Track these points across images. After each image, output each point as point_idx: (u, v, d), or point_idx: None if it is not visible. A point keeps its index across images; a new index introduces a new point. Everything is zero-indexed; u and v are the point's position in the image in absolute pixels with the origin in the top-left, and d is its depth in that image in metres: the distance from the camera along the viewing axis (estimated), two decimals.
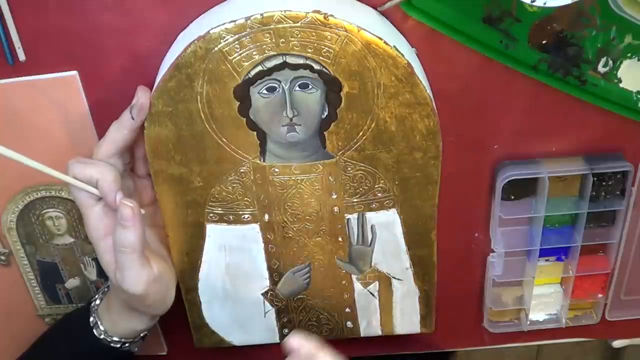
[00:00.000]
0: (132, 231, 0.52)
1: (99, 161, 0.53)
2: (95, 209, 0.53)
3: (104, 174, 0.51)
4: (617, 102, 0.56)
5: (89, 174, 0.52)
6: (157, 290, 0.56)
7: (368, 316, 0.64)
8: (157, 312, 0.58)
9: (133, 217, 0.51)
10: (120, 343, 0.58)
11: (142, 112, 0.52)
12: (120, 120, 0.53)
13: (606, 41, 0.53)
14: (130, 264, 0.53)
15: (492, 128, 0.59)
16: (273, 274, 0.62)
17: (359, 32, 0.49)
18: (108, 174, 0.52)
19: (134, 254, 0.52)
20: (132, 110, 0.52)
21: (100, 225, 0.53)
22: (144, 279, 0.53)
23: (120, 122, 0.53)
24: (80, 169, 0.52)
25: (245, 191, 0.57)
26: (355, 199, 0.57)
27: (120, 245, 0.52)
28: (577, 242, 0.63)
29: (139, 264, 0.53)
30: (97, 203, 0.53)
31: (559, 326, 0.69)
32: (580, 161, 0.60)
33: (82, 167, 0.52)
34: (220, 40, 0.49)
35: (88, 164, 0.52)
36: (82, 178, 0.52)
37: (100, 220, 0.53)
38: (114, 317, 0.58)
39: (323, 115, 0.53)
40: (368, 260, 0.61)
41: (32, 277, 0.66)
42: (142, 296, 0.54)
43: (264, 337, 0.66)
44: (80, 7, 0.53)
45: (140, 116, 0.52)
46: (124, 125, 0.53)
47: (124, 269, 0.53)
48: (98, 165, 0.52)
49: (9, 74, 0.55)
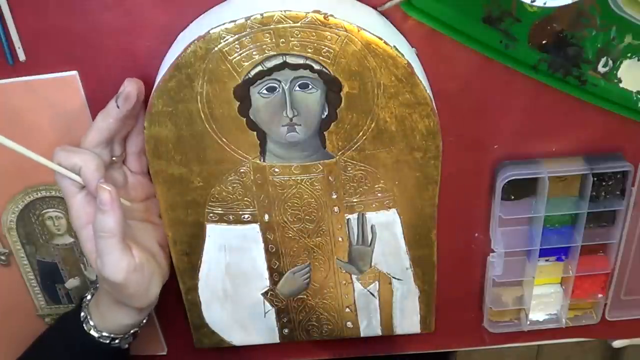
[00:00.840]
0: (110, 216, 0.51)
1: (84, 150, 0.53)
2: (78, 197, 0.53)
3: (87, 162, 0.52)
4: (617, 102, 0.56)
5: (72, 161, 0.52)
6: (138, 281, 0.55)
7: (368, 316, 0.64)
8: (140, 304, 0.57)
9: (111, 202, 0.51)
10: (109, 339, 0.58)
11: (127, 102, 0.52)
12: (106, 109, 0.53)
13: (606, 41, 0.53)
14: (109, 249, 0.52)
15: (492, 128, 0.59)
16: (273, 274, 0.62)
17: (359, 32, 0.49)
18: (91, 161, 0.52)
19: (113, 239, 0.52)
20: (118, 99, 0.52)
21: (82, 213, 0.53)
22: (124, 265, 0.53)
23: (106, 111, 0.53)
24: (65, 157, 0.52)
25: (245, 191, 0.57)
26: (355, 199, 0.57)
27: (100, 230, 0.52)
28: (577, 242, 0.63)
29: (118, 250, 0.52)
30: (80, 191, 0.53)
31: (559, 326, 0.69)
32: (580, 161, 0.60)
33: (66, 155, 0.52)
34: (220, 40, 0.49)
35: (72, 151, 0.52)
36: (66, 165, 0.52)
37: (83, 208, 0.53)
38: (102, 310, 0.58)
39: (323, 115, 0.53)
40: (368, 260, 0.61)
41: (32, 277, 0.66)
42: (121, 285, 0.54)
43: (264, 337, 0.66)
44: (80, 7, 0.53)
45: (126, 106, 0.52)
46: (109, 114, 0.53)
47: (103, 255, 0.52)
48: (82, 153, 0.52)
49: (9, 74, 0.55)
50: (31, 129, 0.58)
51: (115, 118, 0.53)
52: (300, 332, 0.66)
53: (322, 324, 0.65)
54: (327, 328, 0.65)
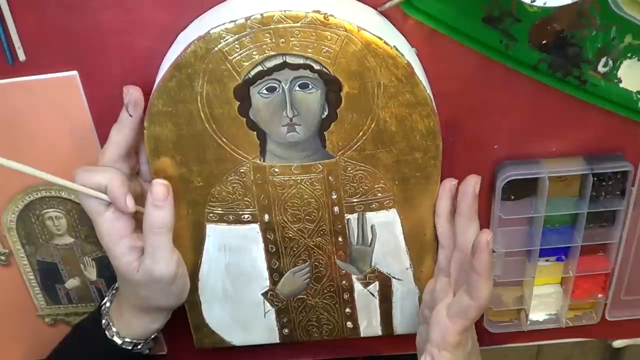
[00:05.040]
0: (166, 210, 0.52)
1: (106, 167, 0.53)
2: (106, 215, 0.53)
3: (112, 179, 0.52)
4: (617, 102, 0.56)
5: (96, 180, 0.52)
6: (184, 274, 0.57)
7: (368, 316, 0.64)
8: (179, 301, 0.59)
9: (166, 196, 0.52)
10: (132, 345, 0.59)
11: (138, 107, 0.52)
12: (120, 121, 0.53)
13: (606, 41, 0.53)
14: (163, 244, 0.53)
15: (492, 128, 0.59)
16: (273, 274, 0.62)
17: (359, 32, 0.49)
18: (116, 178, 0.52)
19: (168, 234, 0.53)
20: (128, 107, 0.52)
21: (113, 230, 0.53)
22: (175, 259, 0.54)
23: (120, 123, 0.53)
24: (87, 177, 0.52)
25: (245, 191, 0.57)
26: (355, 199, 0.57)
27: (155, 227, 0.52)
28: (577, 242, 0.63)
29: (170, 244, 0.54)
30: (107, 208, 0.53)
31: (559, 326, 0.69)
32: (580, 161, 0.60)
33: (89, 175, 0.52)
34: (220, 40, 0.49)
35: (94, 171, 0.52)
36: (90, 185, 0.52)
37: (113, 225, 0.53)
38: (127, 318, 0.58)
39: (323, 115, 0.53)
40: (368, 260, 0.61)
41: (32, 277, 0.66)
42: (171, 280, 0.55)
43: (264, 337, 0.66)
44: (80, 7, 0.53)
45: (138, 111, 0.52)
46: (123, 124, 0.53)
47: (157, 251, 0.53)
48: (105, 170, 0.52)
49: (9, 74, 0.55)
50: (31, 129, 0.58)
51: (130, 127, 0.53)
52: (300, 332, 0.66)
53: (322, 324, 0.65)
54: (327, 328, 0.65)
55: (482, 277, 0.50)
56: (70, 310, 0.69)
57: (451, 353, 0.53)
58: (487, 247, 0.50)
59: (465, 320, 0.52)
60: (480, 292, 0.51)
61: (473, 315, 0.52)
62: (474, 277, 0.51)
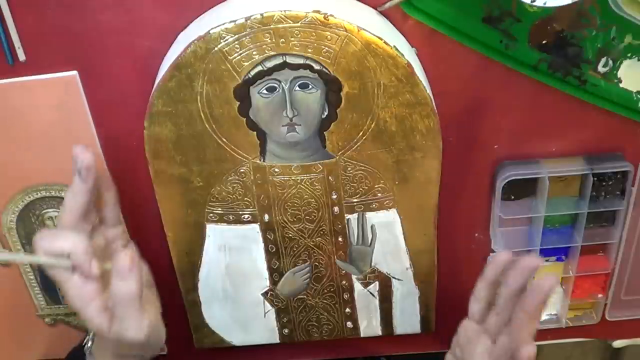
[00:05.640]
0: (131, 281, 0.49)
1: (66, 232, 0.50)
2: (73, 280, 0.50)
3: (75, 245, 0.49)
4: (617, 102, 0.56)
5: (59, 246, 0.49)
6: (156, 332, 0.54)
7: (368, 316, 0.64)
8: (155, 352, 0.56)
9: (132, 267, 0.49)
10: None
11: (90, 171, 0.50)
12: (72, 188, 0.51)
13: (606, 41, 0.53)
14: (131, 312, 0.50)
15: (492, 128, 0.59)
16: (273, 274, 0.62)
17: (359, 32, 0.49)
18: (79, 244, 0.49)
19: (135, 302, 0.50)
20: (80, 173, 0.50)
21: (81, 294, 0.50)
22: (146, 323, 0.52)
23: (73, 189, 0.51)
24: (50, 244, 0.49)
25: (245, 191, 0.57)
26: (355, 199, 0.57)
27: (122, 298, 0.50)
28: (577, 242, 0.63)
29: (139, 311, 0.51)
30: (73, 273, 0.50)
31: (559, 326, 0.69)
32: (580, 161, 0.60)
33: (51, 241, 0.49)
34: (220, 40, 0.49)
35: (56, 236, 0.50)
36: (53, 252, 0.49)
37: (80, 290, 0.50)
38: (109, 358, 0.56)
39: (323, 115, 0.53)
40: (368, 260, 0.61)
41: (32, 277, 0.66)
42: (143, 341, 0.52)
43: (264, 337, 0.66)
44: (80, 7, 0.53)
45: (90, 175, 0.50)
46: (77, 191, 0.50)
47: (125, 319, 0.51)
48: (67, 236, 0.49)
49: (9, 74, 0.55)
50: (31, 129, 0.58)
51: (84, 192, 0.50)
52: (300, 332, 0.66)
53: (322, 324, 0.65)
54: (327, 328, 0.65)
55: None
56: (70, 310, 0.68)
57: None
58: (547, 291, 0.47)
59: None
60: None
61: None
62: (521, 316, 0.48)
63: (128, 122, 0.57)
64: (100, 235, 0.55)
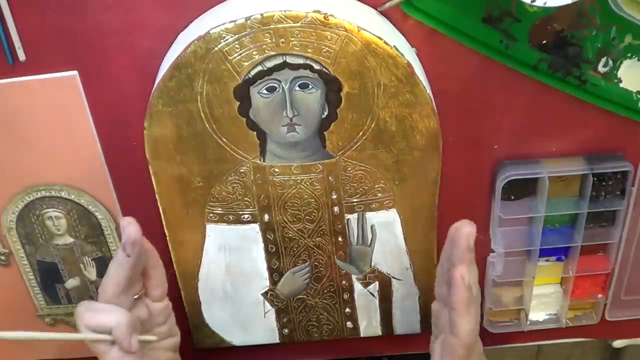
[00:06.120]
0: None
1: (110, 306, 0.50)
2: (112, 353, 0.50)
3: (117, 322, 0.49)
4: (617, 102, 0.56)
5: (102, 322, 0.49)
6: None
7: (368, 316, 0.64)
8: None
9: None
10: None
11: (135, 246, 0.49)
12: (117, 261, 0.50)
13: (606, 41, 0.53)
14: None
15: (492, 128, 0.59)
16: (273, 274, 0.62)
17: (359, 32, 0.49)
18: (121, 320, 0.49)
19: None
20: (125, 248, 0.49)
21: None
22: None
23: (118, 262, 0.50)
24: (91, 319, 0.49)
25: (245, 191, 0.57)
26: (355, 199, 0.57)
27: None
28: (577, 242, 0.63)
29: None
30: (113, 347, 0.50)
31: (559, 326, 0.69)
32: (580, 161, 0.60)
33: (92, 316, 0.49)
34: (220, 40, 0.49)
35: (99, 311, 0.50)
36: (94, 327, 0.49)
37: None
38: None
39: (323, 115, 0.53)
40: (368, 260, 0.61)
41: (32, 277, 0.66)
42: None
43: (264, 337, 0.66)
44: (80, 7, 0.53)
45: (136, 250, 0.49)
46: (121, 264, 0.50)
47: None
48: (109, 311, 0.50)
49: (9, 74, 0.55)
50: (31, 129, 0.58)
51: (128, 267, 0.50)
52: (300, 332, 0.66)
53: (322, 324, 0.65)
54: (327, 328, 0.65)
55: (458, 312, 0.49)
56: (70, 310, 0.68)
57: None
58: (461, 283, 0.48)
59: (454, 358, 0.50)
60: (460, 329, 0.49)
61: (459, 353, 0.50)
62: (452, 314, 0.49)
63: (128, 122, 0.57)
64: (144, 306, 0.54)
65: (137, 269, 0.51)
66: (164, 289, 0.55)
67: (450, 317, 0.49)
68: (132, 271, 0.50)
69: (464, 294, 0.48)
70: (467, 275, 0.48)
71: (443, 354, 0.52)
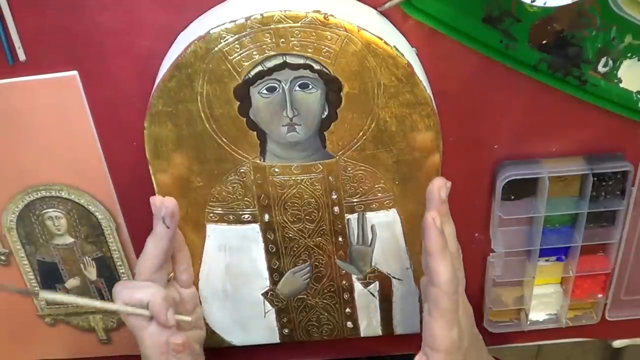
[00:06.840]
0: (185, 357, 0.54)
1: (146, 283, 0.53)
2: (149, 329, 0.53)
3: (154, 296, 0.52)
4: (617, 102, 0.56)
5: (138, 297, 0.52)
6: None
7: (368, 316, 0.64)
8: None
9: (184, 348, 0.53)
10: None
11: (174, 218, 0.54)
12: (155, 234, 0.54)
13: (606, 41, 0.53)
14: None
15: (492, 128, 0.59)
16: (273, 274, 0.62)
17: (359, 32, 0.49)
18: (157, 295, 0.52)
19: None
20: (165, 219, 0.53)
21: (157, 343, 0.53)
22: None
23: (156, 235, 0.54)
24: (129, 295, 0.52)
25: (245, 191, 0.57)
26: (356, 199, 0.57)
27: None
28: (577, 242, 0.63)
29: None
30: (150, 323, 0.53)
31: (559, 326, 0.69)
32: (580, 161, 0.60)
33: (129, 292, 0.52)
34: (220, 40, 0.49)
35: (135, 287, 0.53)
36: (132, 303, 0.52)
37: (157, 339, 0.53)
38: None
39: (323, 115, 0.53)
40: (368, 260, 0.61)
41: (32, 277, 0.66)
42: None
43: (264, 337, 0.66)
44: (80, 7, 0.53)
45: (174, 222, 0.54)
46: (160, 237, 0.53)
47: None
48: (146, 287, 0.52)
49: (9, 74, 0.55)
50: (31, 129, 0.58)
51: (167, 239, 0.54)
52: (300, 332, 0.66)
53: (322, 324, 0.65)
54: (327, 328, 0.65)
55: (434, 257, 0.48)
56: (70, 310, 0.69)
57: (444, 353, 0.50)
58: (433, 225, 0.48)
59: (441, 311, 0.49)
60: (438, 276, 0.48)
61: (444, 304, 0.48)
62: (428, 261, 0.48)
63: (128, 122, 0.57)
64: (175, 290, 0.57)
65: (172, 244, 0.55)
66: (190, 275, 0.58)
67: (428, 264, 0.49)
68: (169, 245, 0.54)
69: (436, 236, 0.48)
70: (438, 218, 0.48)
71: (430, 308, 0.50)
